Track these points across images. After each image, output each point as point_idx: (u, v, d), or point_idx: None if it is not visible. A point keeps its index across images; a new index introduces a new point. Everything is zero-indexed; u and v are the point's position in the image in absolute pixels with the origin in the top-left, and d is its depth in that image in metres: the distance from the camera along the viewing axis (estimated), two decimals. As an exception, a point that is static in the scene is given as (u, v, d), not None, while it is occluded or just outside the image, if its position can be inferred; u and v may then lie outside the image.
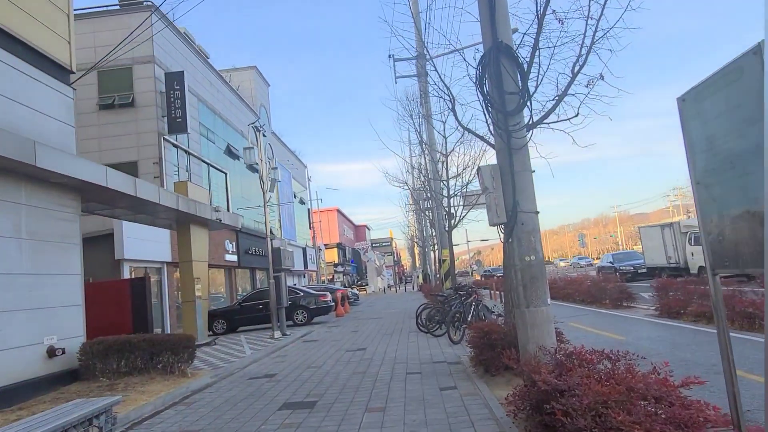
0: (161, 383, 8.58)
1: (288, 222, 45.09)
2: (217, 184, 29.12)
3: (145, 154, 22.44)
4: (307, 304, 20.50)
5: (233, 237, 29.74)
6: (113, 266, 19.31)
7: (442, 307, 13.16)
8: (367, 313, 24.69)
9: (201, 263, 15.48)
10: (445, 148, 16.58)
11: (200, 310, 15.02)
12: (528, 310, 5.80)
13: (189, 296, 14.89)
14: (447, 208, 16.51)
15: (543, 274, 5.91)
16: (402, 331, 14.65)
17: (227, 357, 12.02)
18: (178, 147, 24.23)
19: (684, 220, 23.54)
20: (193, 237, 15.10)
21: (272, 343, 14.06)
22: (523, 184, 5.94)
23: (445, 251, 18.15)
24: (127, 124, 22.73)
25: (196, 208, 14.41)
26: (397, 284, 77.14)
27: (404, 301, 33.90)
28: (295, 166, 50.14)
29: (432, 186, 17.80)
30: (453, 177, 16.62)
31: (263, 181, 16.21)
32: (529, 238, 5.88)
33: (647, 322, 11.91)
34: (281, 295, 15.98)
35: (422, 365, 8.88)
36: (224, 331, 20.14)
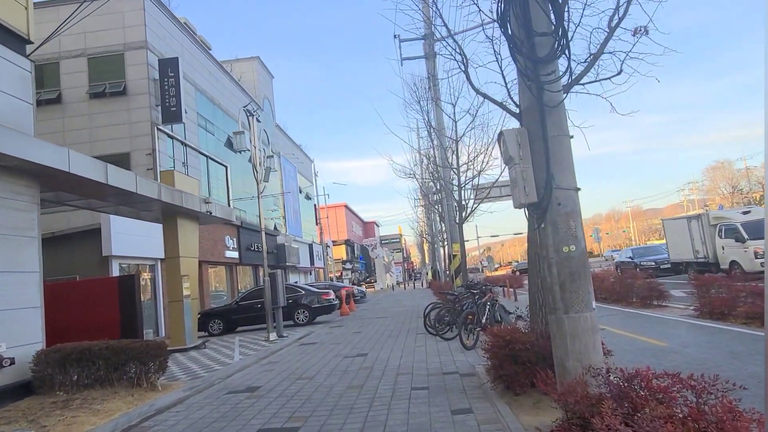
0: (123, 399, 7.31)
1: (293, 218, 43.88)
2: (217, 178, 27.92)
3: (138, 145, 21.27)
4: (309, 303, 19.23)
5: (234, 233, 28.55)
6: (101, 263, 18.15)
7: (452, 307, 11.81)
8: (373, 311, 23.39)
9: (190, 259, 14.24)
10: (455, 134, 15.20)
11: (189, 311, 13.78)
12: (567, 316, 4.44)
13: (176, 295, 13.65)
14: (457, 199, 15.14)
15: (586, 270, 4.55)
16: (409, 333, 13.32)
17: (212, 364, 10.74)
18: (174, 138, 23.03)
19: (713, 212, 21.96)
20: (180, 231, 13.85)
21: (266, 347, 12.78)
22: (560, 152, 4.58)
23: (456, 246, 16.78)
24: (118, 114, 21.54)
25: (183, 199, 13.14)
26: (406, 281, 75.81)
27: (412, 298, 32.57)
28: (301, 160, 48.90)
29: (441, 174, 16.40)
30: (464, 164, 15.24)
31: (256, 169, 14.91)
32: (567, 223, 4.51)
33: (687, 323, 10.47)
34: (278, 294, 14.71)
35: (430, 377, 7.54)
36: (221, 331, 18.93)
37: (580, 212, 4.59)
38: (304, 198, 50.04)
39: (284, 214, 41.04)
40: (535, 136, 4.66)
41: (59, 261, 18.54)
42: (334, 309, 19.96)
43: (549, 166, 4.51)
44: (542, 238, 4.65)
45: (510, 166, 4.77)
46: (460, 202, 14.92)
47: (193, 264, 14.50)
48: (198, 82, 26.35)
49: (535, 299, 6.21)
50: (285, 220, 41.09)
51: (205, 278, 25.25)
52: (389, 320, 17.79)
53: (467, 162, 15.25)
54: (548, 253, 4.57)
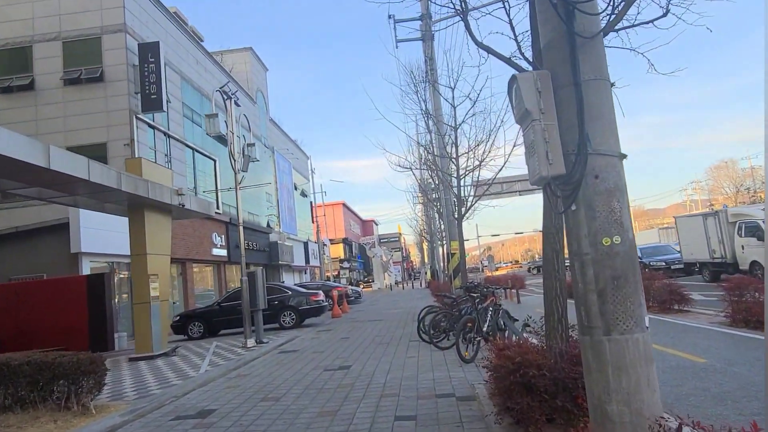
0: (43, 427, 5.95)
1: (288, 215, 42.50)
2: (204, 172, 26.54)
3: (116, 135, 19.90)
4: (296, 305, 17.85)
5: (222, 230, 27.19)
6: (70, 261, 16.78)
7: (449, 312, 10.43)
8: (367, 313, 22.02)
9: (160, 257, 12.86)
10: (454, 120, 13.83)
11: (157, 314, 12.40)
12: (609, 339, 3.06)
13: (142, 296, 12.27)
14: (456, 193, 13.76)
15: (635, 271, 3.17)
16: (401, 340, 11.95)
17: (172, 377, 9.37)
18: (156, 128, 21.66)
19: (732, 208, 20.58)
20: (148, 225, 12.48)
21: (241, 356, 11.40)
22: (598, 103, 3.21)
23: (454, 243, 15.41)
24: (95, 101, 20.17)
25: (150, 190, 11.77)
26: (405, 281, 74.41)
27: (410, 299, 31.19)
28: (296, 156, 47.53)
29: (439, 164, 14.99)
30: (463, 154, 13.86)
31: (233, 157, 13.52)
32: (609, 204, 3.14)
33: (721, 333, 9.08)
34: (257, 295, 13.33)
35: (420, 401, 6.16)
36: (201, 335, 17.56)
37: (626, 189, 3.22)
38: (300, 195, 48.64)
39: (278, 210, 39.65)
40: (561, 80, 3.28)
41: (25, 258, 17.18)
42: (324, 311, 18.59)
43: (583, 122, 3.13)
44: (572, 225, 3.27)
45: (525, 126, 3.39)
46: (459, 195, 13.54)
47: (164, 262, 13.13)
48: (184, 71, 24.97)
49: (552, 308, 4.83)
50: (279, 217, 39.71)
51: (189, 277, 23.90)
52: (382, 324, 16.42)
53: (467, 152, 13.88)
54: (580, 248, 3.19)
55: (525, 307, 18.04)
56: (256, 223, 33.66)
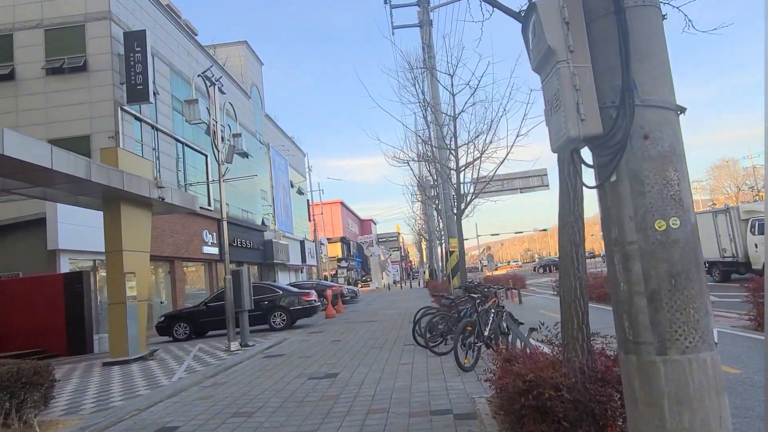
0: (-28, 450, 5.11)
1: (283, 212, 41.65)
2: (195, 167, 25.69)
3: (100, 127, 19.04)
4: (287, 305, 17.00)
5: (214, 227, 26.31)
6: (48, 258, 15.92)
7: (447, 314, 9.58)
8: (362, 314, 21.17)
9: (138, 254, 12.00)
10: (453, 110, 12.98)
11: (133, 315, 11.54)
12: (664, 359, 2.21)
13: (117, 296, 11.41)
14: (455, 186, 12.91)
15: (699, 267, 2.32)
16: (395, 344, 11.10)
17: (141, 385, 8.51)
18: (143, 120, 20.80)
19: (744, 205, 19.73)
20: (124, 220, 11.61)
21: (222, 360, 10.55)
22: (647, 38, 2.36)
23: (453, 241, 14.56)
24: (78, 92, 19.30)
25: (125, 182, 10.92)
26: (403, 280, 73.55)
27: (408, 299, 30.35)
28: (292, 153, 46.65)
29: (436, 155, 14.12)
30: (463, 145, 13.01)
31: (216, 147, 12.65)
32: (663, 173, 2.29)
33: (749, 338, 8.24)
34: (242, 295, 12.47)
35: (412, 419, 5.31)
36: (186, 336, 16.71)
37: (685, 155, 2.37)
38: (296, 193, 47.79)
39: (274, 208, 38.80)
40: (597, 9, 2.43)
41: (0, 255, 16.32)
42: (316, 311, 17.74)
43: (628, 62, 2.28)
44: (611, 204, 2.42)
45: (547, 73, 2.53)
46: (459, 190, 12.69)
47: (143, 260, 12.27)
48: (174, 63, 24.10)
49: (570, 314, 3.98)
50: (274, 215, 38.86)
51: (179, 276, 23.03)
52: (377, 325, 15.58)
53: (467, 143, 13.03)
54: (623, 234, 2.35)
55: (527, 308, 17.24)
56: (251, 221, 32.81)
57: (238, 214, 30.75)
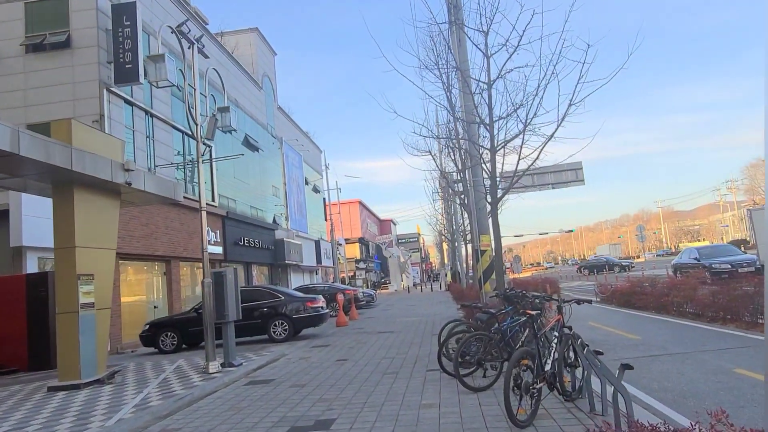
0: None
1: (297, 211, 39.45)
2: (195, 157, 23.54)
3: (84, 110, 16.92)
4: (289, 313, 14.65)
5: (217, 224, 24.15)
6: (13, 257, 13.79)
7: (485, 334, 7.07)
8: (378, 321, 18.73)
9: (98, 251, 9.74)
10: (488, 75, 10.47)
11: (90, 328, 9.27)
12: None
13: (67, 304, 9.15)
14: (490, 170, 10.41)
15: None
16: (416, 367, 8.64)
17: (65, 428, 6.18)
18: (134, 104, 18.68)
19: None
20: (79, 209, 9.37)
21: (193, 388, 8.19)
22: None
23: (485, 238, 12.03)
24: (61, 71, 17.23)
25: (73, 160, 8.65)
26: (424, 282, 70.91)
27: (429, 303, 27.81)
28: (307, 148, 44.47)
29: (463, 131, 11.54)
30: (500, 119, 10.51)
31: (194, 120, 10.33)
32: None
33: None
34: (226, 303, 10.13)
35: None
36: (174, 347, 14.51)
37: None
38: (312, 190, 45.59)
39: (286, 206, 36.61)
40: None
41: None
42: (324, 320, 15.35)
43: None
44: None
45: None
46: (494, 173, 10.17)
47: (105, 258, 10.00)
48: (172, 43, 21.94)
49: None
50: (287, 213, 36.67)
51: (176, 278, 20.86)
52: (394, 338, 13.13)
53: (506, 116, 10.51)
54: None
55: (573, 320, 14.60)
56: (260, 218, 30.63)
57: (247, 211, 28.60)
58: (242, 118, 29.47)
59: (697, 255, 22.31)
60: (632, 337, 10.11)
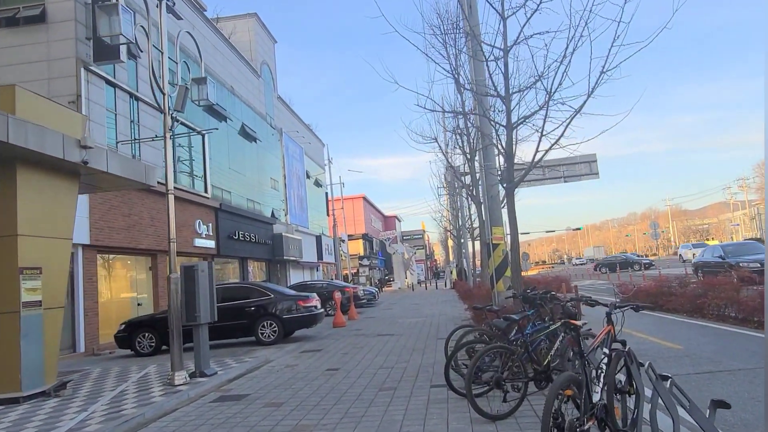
0: None
1: (297, 205, 38.03)
2: (191, 148, 22.17)
3: (60, 90, 15.51)
4: (279, 313, 13.24)
5: (209, 216, 22.75)
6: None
7: (503, 347, 5.61)
8: (379, 322, 17.29)
9: (49, 241, 8.34)
10: (504, 39, 8.98)
11: (35, 331, 7.86)
12: None
13: (7, 303, 7.74)
14: (504, 147, 8.93)
15: None
16: (417, 382, 7.19)
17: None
18: (117, 86, 17.29)
19: None
20: (22, 191, 7.96)
21: (149, 405, 6.78)
22: None
23: (498, 230, 10.54)
24: (35, 48, 15.83)
25: (9, 131, 7.24)
26: (428, 280, 69.41)
27: (434, 302, 26.36)
28: (309, 140, 42.99)
29: (477, 102, 10.02)
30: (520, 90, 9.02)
31: (160, 89, 8.90)
32: None
33: None
34: (197, 302, 8.70)
35: None
36: (152, 349, 13.14)
37: None
38: (314, 184, 44.15)
39: (286, 199, 35.20)
40: None
41: None
42: (317, 320, 13.91)
43: None
44: None
45: None
46: (511, 149, 8.69)
47: (59, 250, 8.59)
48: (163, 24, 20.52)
49: None
50: (287, 207, 35.27)
51: (162, 273, 19.47)
52: (394, 342, 11.70)
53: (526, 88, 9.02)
54: None
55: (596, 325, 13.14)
56: (257, 211, 29.22)
57: (243, 204, 27.19)
58: (239, 106, 28.04)
59: (722, 253, 20.76)
60: (672, 347, 8.63)
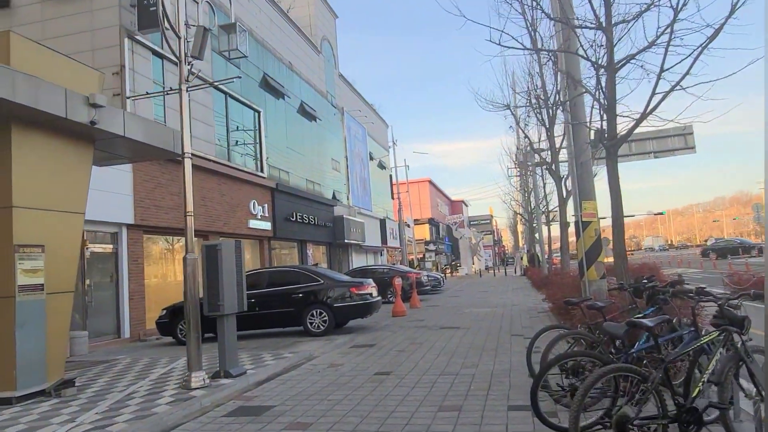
0: None
1: (360, 187, 36.67)
2: (242, 125, 21.13)
3: (104, 61, 14.62)
4: (330, 301, 11.76)
5: (265, 197, 21.68)
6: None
7: (633, 370, 3.71)
8: (442, 312, 15.53)
9: (53, 215, 7.16)
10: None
11: (36, 319, 6.70)
12: None
13: (2, 286, 6.61)
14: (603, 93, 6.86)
15: None
16: (490, 398, 5.41)
17: None
18: (165, 57, 16.31)
19: None
20: (18, 155, 6.78)
21: (150, 417, 5.41)
22: None
23: (590, 205, 8.49)
24: (79, 18, 15.02)
25: (15, 87, 6.01)
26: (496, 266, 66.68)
27: (503, 291, 24.23)
28: (372, 120, 41.43)
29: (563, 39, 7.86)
30: (626, 21, 6.90)
31: (174, 30, 7.47)
32: None
33: None
34: (220, 289, 7.31)
35: None
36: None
37: None
38: (377, 167, 42.67)
39: (348, 181, 33.92)
40: None
41: None
42: (372, 310, 12.34)
43: None
44: None
45: None
46: (613, 99, 6.62)
47: (68, 225, 7.40)
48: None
49: None
50: (348, 189, 33.98)
51: (215, 255, 18.56)
52: (459, 338, 9.92)
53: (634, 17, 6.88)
54: None
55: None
56: (317, 193, 28.05)
57: (302, 185, 26.05)
58: (298, 83, 26.83)
59: None
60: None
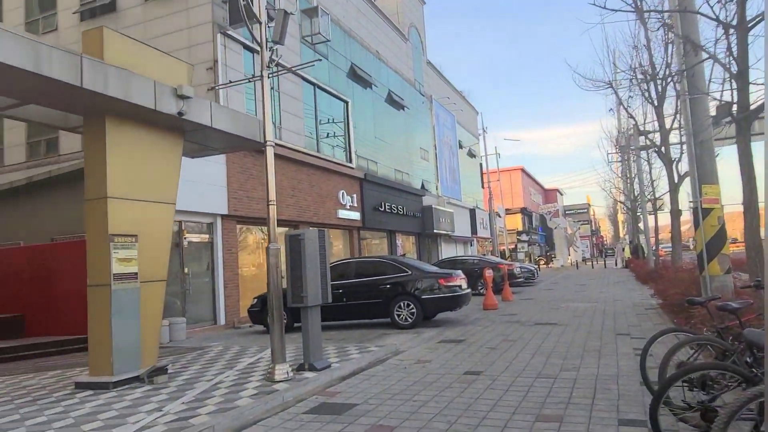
0: None
1: (449, 176, 35.97)
2: (330, 114, 21.19)
3: (199, 57, 15.16)
4: (418, 293, 11.38)
5: (354, 187, 21.68)
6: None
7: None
8: (537, 306, 14.66)
9: (145, 206, 7.32)
10: None
11: (130, 307, 6.87)
12: None
13: (98, 275, 6.84)
14: (733, 58, 5.87)
15: None
16: (596, 409, 4.76)
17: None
18: (255, 51, 16.61)
19: None
20: (112, 147, 6.96)
21: (231, 411, 5.31)
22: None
23: (712, 189, 7.43)
24: (177, 17, 15.65)
25: (84, 75, 6.15)
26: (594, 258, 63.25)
27: (603, 284, 22.67)
28: (461, 107, 40.44)
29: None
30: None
31: (253, 16, 7.30)
32: None
33: None
34: (304, 280, 7.13)
35: None
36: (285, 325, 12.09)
37: None
38: (467, 155, 41.68)
39: (437, 170, 33.35)
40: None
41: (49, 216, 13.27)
42: (462, 303, 11.80)
43: None
44: None
45: None
46: (745, 60, 5.63)
47: (159, 215, 7.55)
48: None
49: None
50: (437, 178, 33.41)
51: (306, 245, 18.81)
52: (556, 337, 9.17)
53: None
54: None
55: None
56: (406, 182, 27.75)
57: (390, 175, 25.86)
58: (385, 72, 26.61)
59: None
60: None
